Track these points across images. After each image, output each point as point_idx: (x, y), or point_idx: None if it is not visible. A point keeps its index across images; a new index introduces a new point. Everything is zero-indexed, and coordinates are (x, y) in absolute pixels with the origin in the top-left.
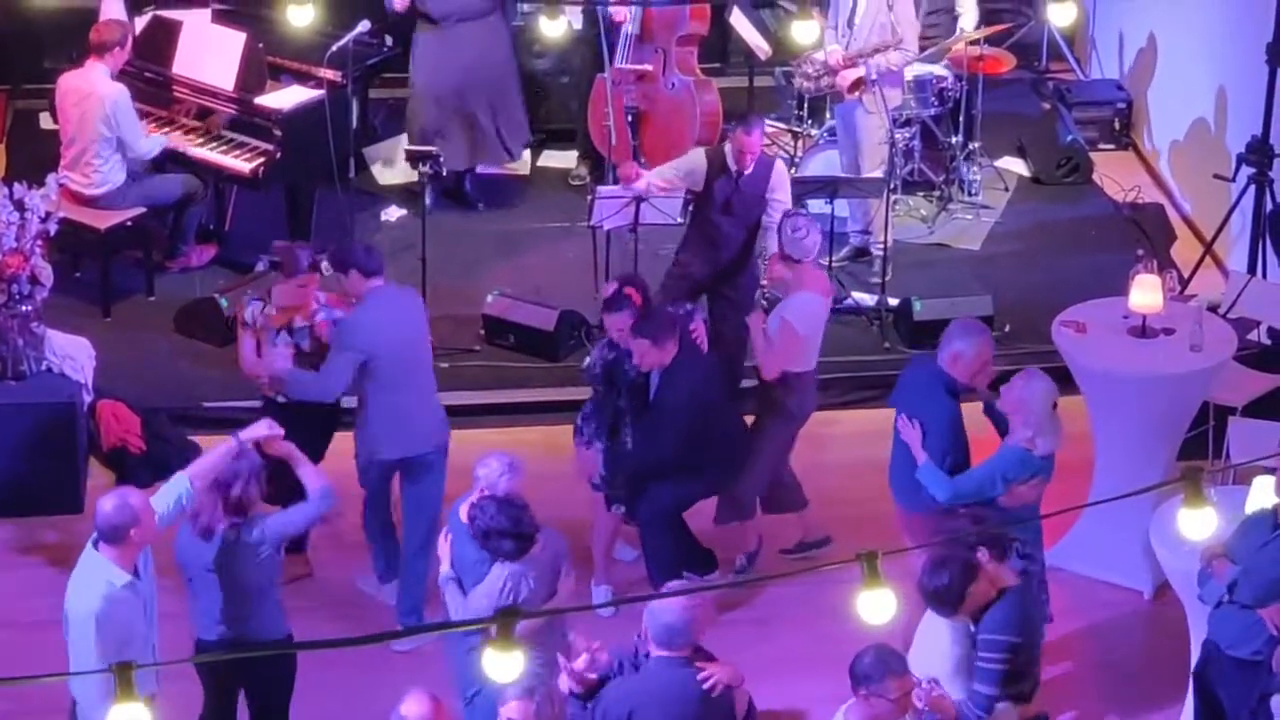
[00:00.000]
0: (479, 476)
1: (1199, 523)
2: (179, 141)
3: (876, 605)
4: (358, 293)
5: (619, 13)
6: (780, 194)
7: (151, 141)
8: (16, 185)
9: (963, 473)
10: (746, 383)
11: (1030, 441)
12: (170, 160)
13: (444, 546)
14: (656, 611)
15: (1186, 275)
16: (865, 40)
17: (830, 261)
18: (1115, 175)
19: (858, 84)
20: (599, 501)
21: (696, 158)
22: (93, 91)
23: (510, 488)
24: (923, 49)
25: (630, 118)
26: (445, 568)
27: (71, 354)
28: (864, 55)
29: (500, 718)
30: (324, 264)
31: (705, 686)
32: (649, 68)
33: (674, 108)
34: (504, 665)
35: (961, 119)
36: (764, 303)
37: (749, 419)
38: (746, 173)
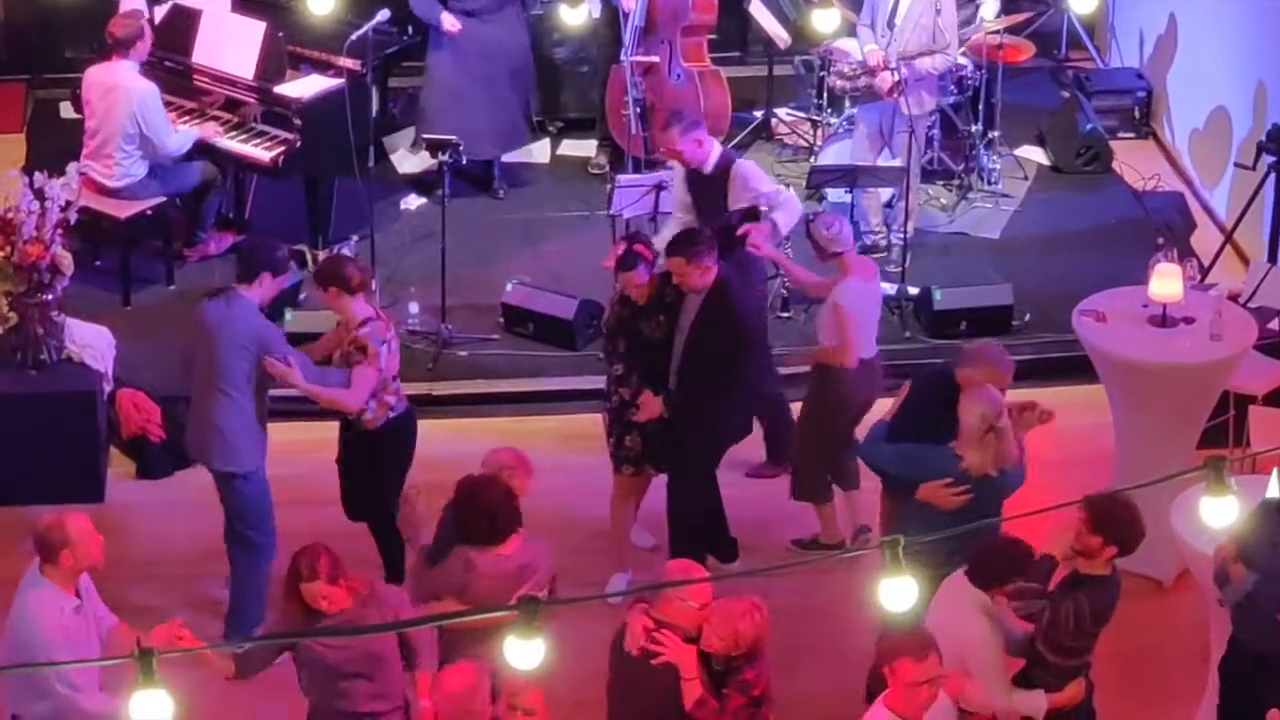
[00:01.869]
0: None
1: (1222, 511)
2: (210, 131)
3: (898, 593)
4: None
5: (626, 3)
6: (750, 190)
7: (180, 138)
8: (37, 174)
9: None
10: (798, 368)
11: (959, 450)
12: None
13: None
14: None
15: (1207, 264)
16: (906, 41)
17: None
18: (1135, 164)
19: (896, 86)
20: (616, 484)
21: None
22: (119, 85)
23: (517, 487)
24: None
25: (639, 109)
26: None
27: (91, 343)
28: (907, 58)
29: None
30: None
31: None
32: (655, 59)
33: (678, 99)
34: (524, 653)
35: (981, 108)
36: (784, 292)
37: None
38: (705, 172)
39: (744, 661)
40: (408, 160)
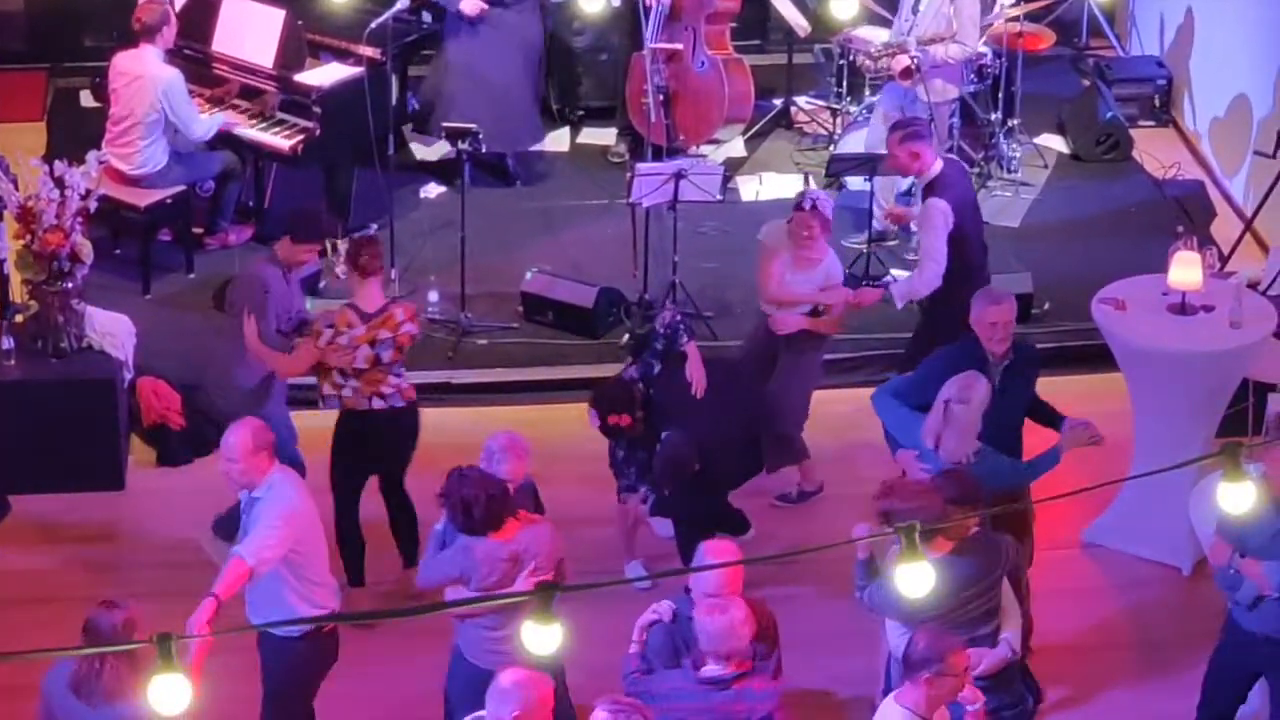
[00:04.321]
0: (484, 446)
1: (1239, 497)
2: (232, 119)
3: (915, 578)
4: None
5: None
6: (921, 230)
7: (208, 123)
8: (57, 163)
9: (911, 410)
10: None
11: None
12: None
13: None
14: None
15: (1226, 252)
16: (925, 28)
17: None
18: (1155, 152)
19: (909, 71)
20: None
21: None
22: (144, 73)
23: (508, 471)
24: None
25: (662, 97)
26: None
27: (112, 331)
28: (922, 44)
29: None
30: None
31: None
32: (679, 46)
33: (702, 87)
34: (541, 639)
35: (1001, 96)
36: None
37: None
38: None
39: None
40: (427, 148)
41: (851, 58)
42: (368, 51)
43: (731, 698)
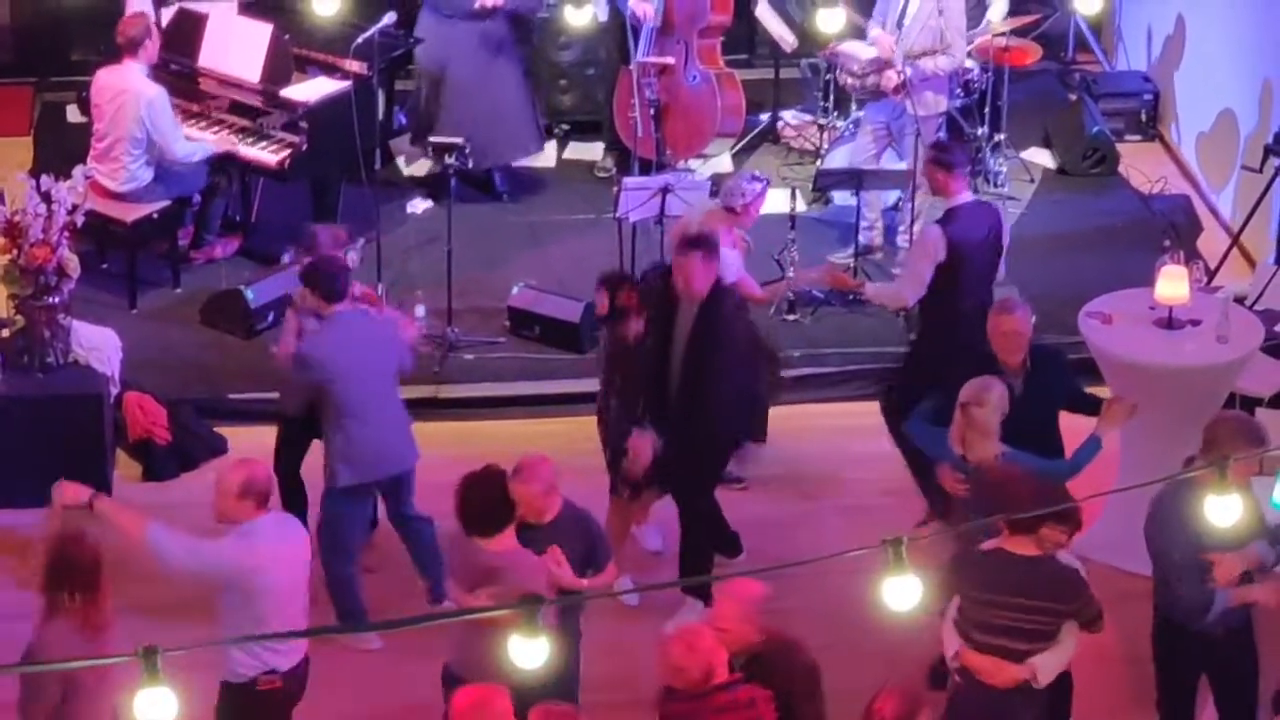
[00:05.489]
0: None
1: (1226, 510)
2: (225, 143)
3: (902, 592)
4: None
5: (639, 7)
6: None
7: (191, 146)
8: (44, 177)
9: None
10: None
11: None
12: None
13: None
14: None
15: (1213, 266)
16: (913, 41)
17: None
18: (1142, 167)
19: (899, 87)
20: (611, 504)
21: None
22: (128, 89)
23: (518, 491)
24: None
25: (653, 111)
26: None
27: (98, 345)
28: (910, 58)
29: None
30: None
31: None
32: (670, 60)
33: (694, 100)
34: (528, 652)
35: (987, 110)
36: (790, 295)
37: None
38: None
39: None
40: (414, 163)
41: (836, 75)
42: (354, 66)
43: None
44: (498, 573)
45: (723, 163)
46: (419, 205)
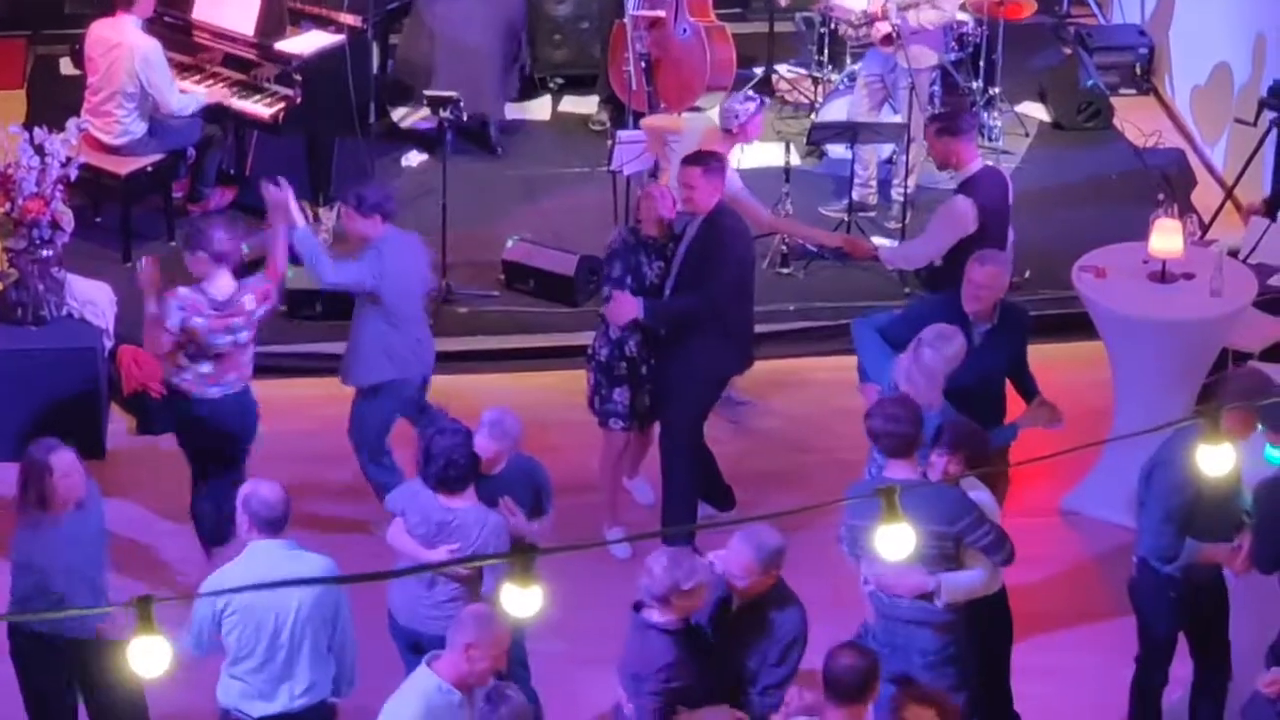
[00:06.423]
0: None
1: (1218, 460)
2: (216, 95)
3: (896, 541)
4: (366, 234)
5: None
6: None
7: (186, 99)
8: (37, 130)
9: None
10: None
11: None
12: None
13: None
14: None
15: (1207, 220)
16: None
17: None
18: (1136, 120)
19: (890, 38)
20: (605, 440)
21: None
22: (122, 42)
23: (481, 446)
24: None
25: (644, 64)
26: None
27: (92, 299)
28: (900, 8)
29: None
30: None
31: None
32: (661, 13)
33: (685, 54)
34: (520, 601)
35: (982, 64)
36: (784, 248)
37: None
38: None
39: None
40: (408, 117)
41: (833, 25)
42: (349, 19)
43: None
44: (448, 529)
45: (716, 116)
46: (414, 159)
